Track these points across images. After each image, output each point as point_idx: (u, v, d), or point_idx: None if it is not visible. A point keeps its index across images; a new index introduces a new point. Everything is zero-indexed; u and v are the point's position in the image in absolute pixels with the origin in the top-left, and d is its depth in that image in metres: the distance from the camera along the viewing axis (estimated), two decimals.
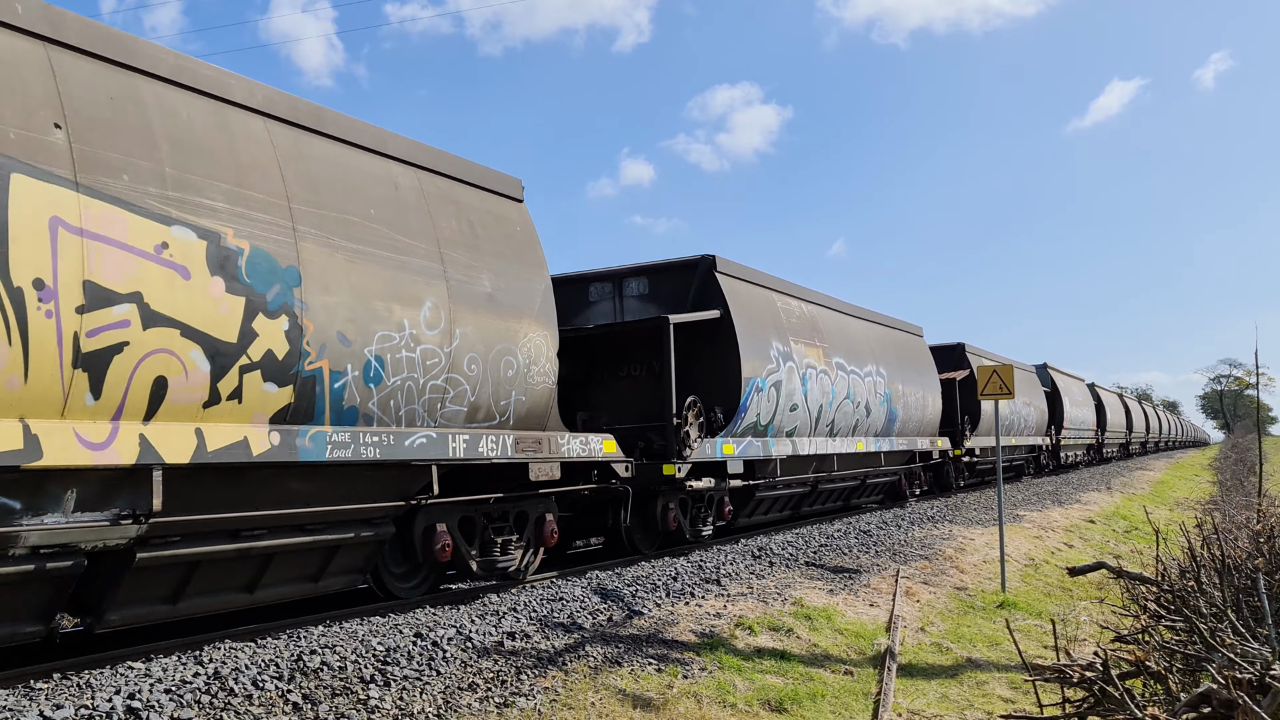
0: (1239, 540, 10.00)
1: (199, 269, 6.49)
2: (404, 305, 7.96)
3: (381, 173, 8.32)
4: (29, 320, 5.55)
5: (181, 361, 6.34)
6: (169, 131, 6.62)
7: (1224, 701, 4.41)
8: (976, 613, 10.36)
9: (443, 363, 8.30)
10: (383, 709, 5.64)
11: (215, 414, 6.60)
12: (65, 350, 5.74)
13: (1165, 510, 23.82)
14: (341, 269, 7.52)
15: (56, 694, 5.47)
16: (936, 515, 17.72)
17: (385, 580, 8.70)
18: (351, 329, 7.49)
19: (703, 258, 13.35)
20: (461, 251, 8.78)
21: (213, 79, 7.13)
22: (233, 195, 6.86)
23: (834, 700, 6.97)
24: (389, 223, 8.13)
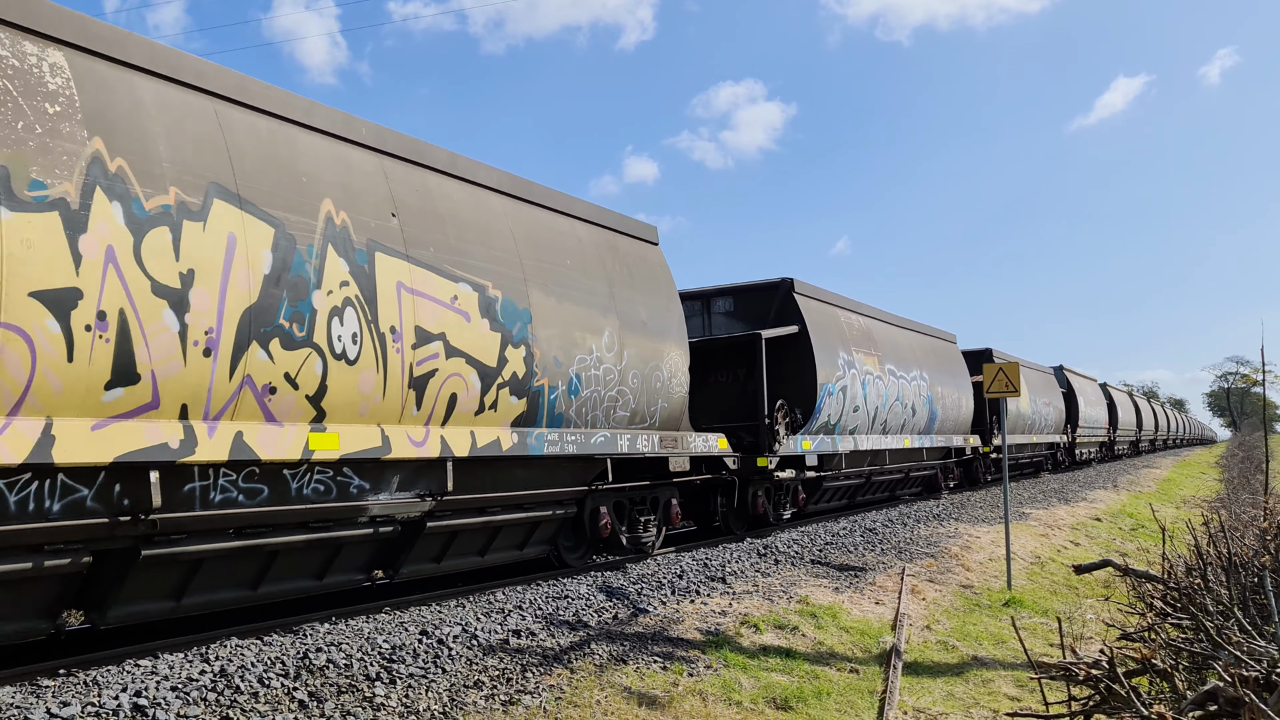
0: (1246, 538, 9.97)
1: (475, 313, 8.74)
2: (592, 334, 10.30)
3: (569, 230, 10.61)
4: (388, 356, 7.77)
5: (466, 382, 8.57)
6: (448, 212, 8.85)
7: (1230, 699, 4.40)
8: (982, 611, 10.35)
9: (615, 378, 10.64)
10: (388, 706, 5.65)
11: (482, 420, 8.84)
12: (405, 376, 7.93)
13: (1172, 508, 23.76)
14: (554, 308, 9.79)
15: (63, 691, 5.49)
16: (942, 513, 17.70)
17: (560, 551, 10.74)
18: (561, 354, 9.73)
19: (783, 280, 15.63)
20: (624, 289, 11.13)
21: (470, 168, 9.45)
22: (488, 257, 9.07)
23: (839, 698, 6.97)
24: (579, 270, 10.41)
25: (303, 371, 7.13)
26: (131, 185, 6.21)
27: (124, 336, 6.02)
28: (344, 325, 7.42)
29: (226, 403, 6.67)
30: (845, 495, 18.01)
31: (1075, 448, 36.54)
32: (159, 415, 6.29)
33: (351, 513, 7.73)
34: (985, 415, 24.92)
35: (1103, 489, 26.48)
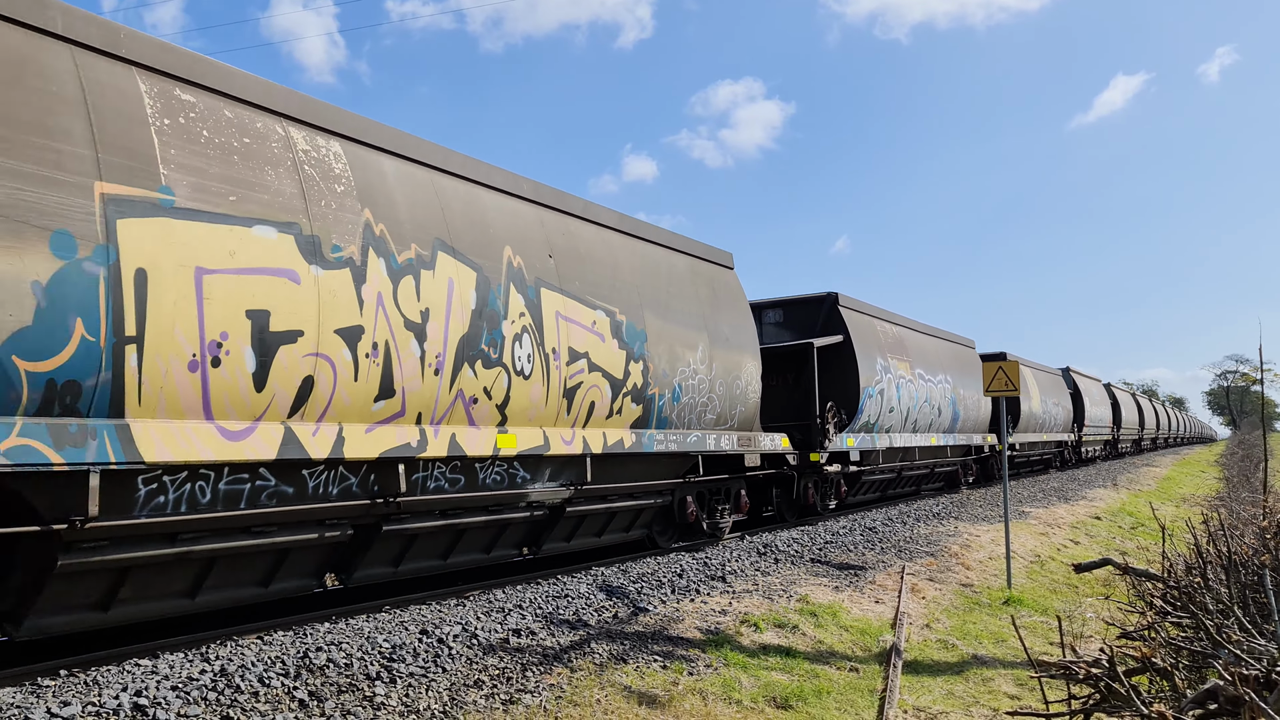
0: (1245, 536, 9.98)
1: (607, 335, 10.55)
2: (690, 349, 12.08)
3: (668, 259, 12.39)
4: (550, 371, 9.59)
5: (601, 391, 10.35)
6: (585, 251, 10.63)
7: (1230, 698, 4.40)
8: (982, 609, 10.35)
9: (706, 386, 12.37)
10: (389, 705, 5.65)
11: (610, 422, 10.60)
12: (560, 387, 9.74)
13: (1171, 507, 23.77)
14: (662, 328, 11.61)
15: (64, 691, 5.49)
16: (942, 512, 17.71)
17: (654, 535, 12.55)
18: (668, 366, 11.53)
19: (829, 294, 17.37)
20: (710, 309, 12.86)
21: (597, 213, 11.20)
22: (615, 287, 10.87)
23: (839, 697, 6.97)
24: (679, 294, 12.24)
25: (494, 385, 8.96)
26: (389, 244, 7.98)
27: (387, 361, 7.78)
28: (522, 348, 9.31)
29: (446, 411, 8.47)
30: (879, 488, 19.85)
31: (1081, 446, 38.17)
32: (404, 421, 8.07)
33: (516, 499, 9.52)
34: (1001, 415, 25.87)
35: (1102, 487, 26.48)
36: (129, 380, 6.06)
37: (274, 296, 6.91)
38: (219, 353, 6.54)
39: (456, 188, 9.07)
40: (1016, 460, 29.44)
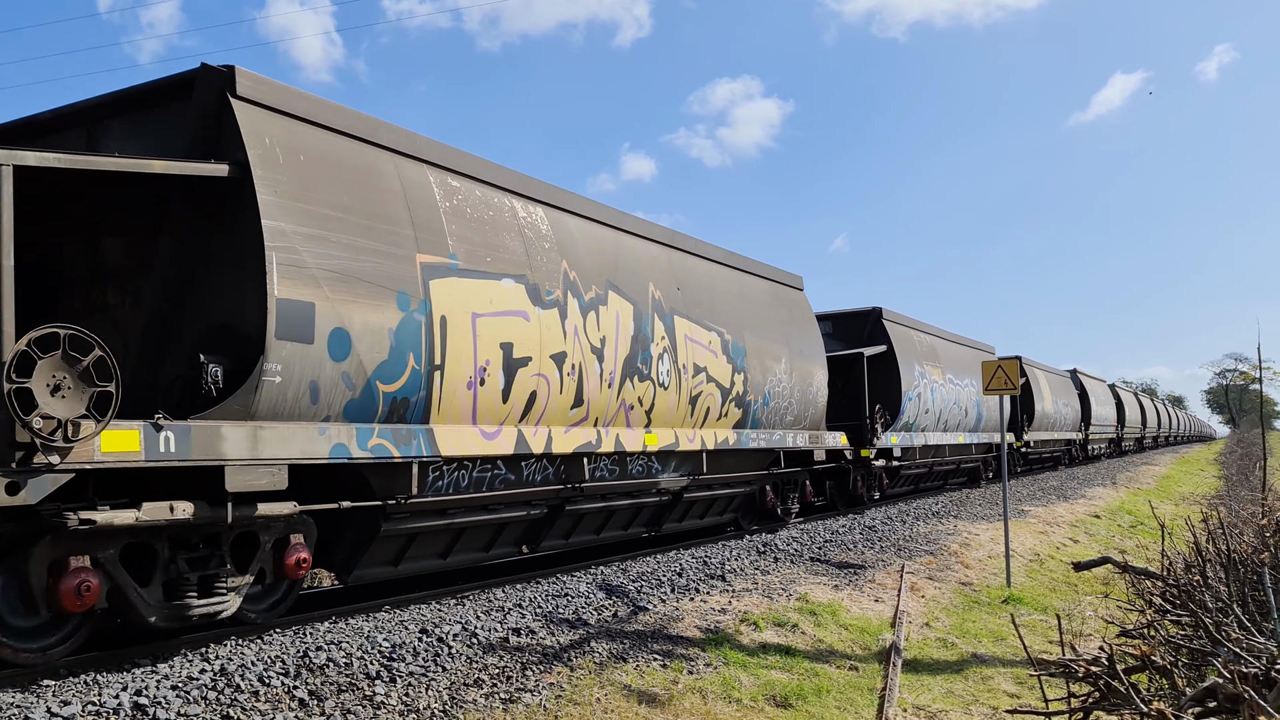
0: (1245, 535, 9.98)
1: (719, 352, 12.52)
2: (775, 361, 14.06)
3: (756, 284, 14.43)
4: (681, 383, 11.57)
5: (714, 398, 12.33)
6: (700, 281, 12.66)
7: (1229, 696, 4.40)
8: (981, 608, 10.36)
9: (787, 391, 14.37)
10: (389, 705, 5.66)
11: (719, 424, 12.54)
12: (686, 396, 11.71)
13: (1170, 505, 23.79)
14: (756, 345, 13.50)
15: (64, 691, 5.49)
16: (941, 511, 17.72)
17: (739, 519, 14.55)
18: (760, 377, 13.49)
19: (874, 309, 19.74)
20: (789, 326, 14.89)
21: (705, 249, 13.17)
22: (724, 312, 12.95)
23: (839, 696, 6.98)
24: (765, 315, 14.19)
25: (644, 395, 10.92)
26: (579, 287, 10.00)
27: (580, 378, 9.76)
28: (663, 365, 11.33)
29: (613, 416, 10.44)
30: (914, 482, 22.07)
31: (1089, 444, 40.61)
32: (587, 424, 10.04)
33: (650, 486, 11.47)
34: (1017, 415, 29.08)
35: (1102, 486, 26.50)
36: (434, 396, 8.04)
37: (514, 331, 8.96)
38: (484, 374, 8.60)
39: (616, 237, 11.18)
40: (1031, 457, 31.38)
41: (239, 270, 6.76)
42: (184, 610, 6.44)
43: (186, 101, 7.00)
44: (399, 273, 7.69)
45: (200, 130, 6.90)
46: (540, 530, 10.06)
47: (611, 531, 11.43)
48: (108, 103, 7.41)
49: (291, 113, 7.33)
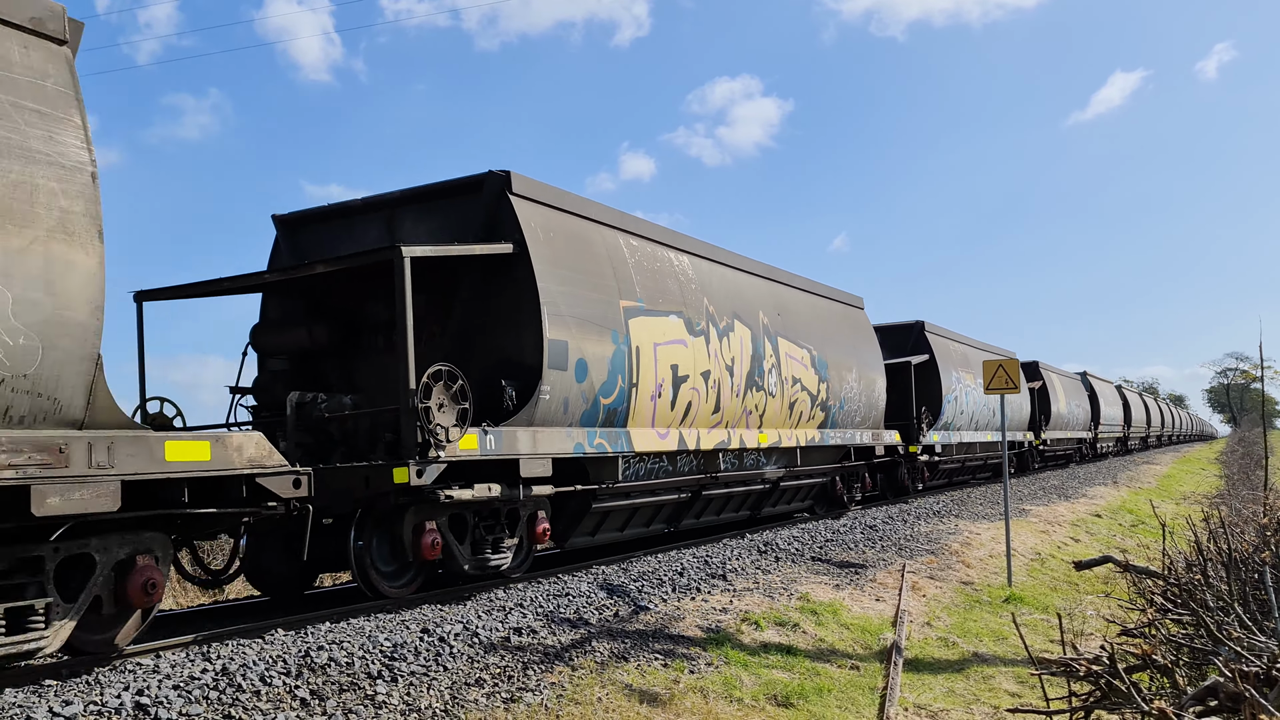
0: (1246, 534, 9.98)
1: (809, 366, 15.40)
2: (848, 371, 16.90)
3: (828, 306, 17.24)
4: (783, 392, 14.38)
5: (806, 404, 15.18)
6: (791, 307, 15.46)
7: (1231, 695, 4.40)
8: (982, 607, 10.36)
9: (856, 396, 17.23)
10: (390, 704, 5.66)
11: (808, 425, 15.47)
12: (786, 402, 14.59)
13: (1171, 504, 23.78)
14: (834, 358, 16.42)
15: (66, 691, 5.50)
16: (943, 510, 17.72)
17: (815, 507, 17.31)
18: (837, 386, 16.40)
19: (918, 323, 22.73)
20: (855, 341, 17.73)
21: (791, 277, 16.03)
22: (811, 331, 15.77)
23: (840, 695, 6.98)
24: (838, 332, 17.03)
25: (759, 403, 13.73)
26: (716, 318, 12.74)
27: (718, 390, 12.58)
28: (771, 378, 14.06)
29: (737, 419, 13.19)
30: (948, 475, 24.78)
31: (1098, 442, 43.63)
32: (722, 426, 12.83)
33: (758, 477, 14.07)
34: (1035, 415, 32.18)
35: (1103, 485, 26.49)
36: (631, 407, 10.90)
37: (678, 355, 11.80)
38: (660, 389, 11.41)
39: (736, 275, 14.02)
40: (1047, 454, 33.99)
41: (520, 319, 9.59)
42: (485, 562, 9.13)
43: (473, 196, 9.84)
44: (610, 315, 10.62)
45: (487, 218, 9.75)
46: (683, 511, 12.85)
47: (727, 514, 14.11)
48: (402, 196, 10.25)
49: (543, 201, 10.26)
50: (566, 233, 10.33)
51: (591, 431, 10.26)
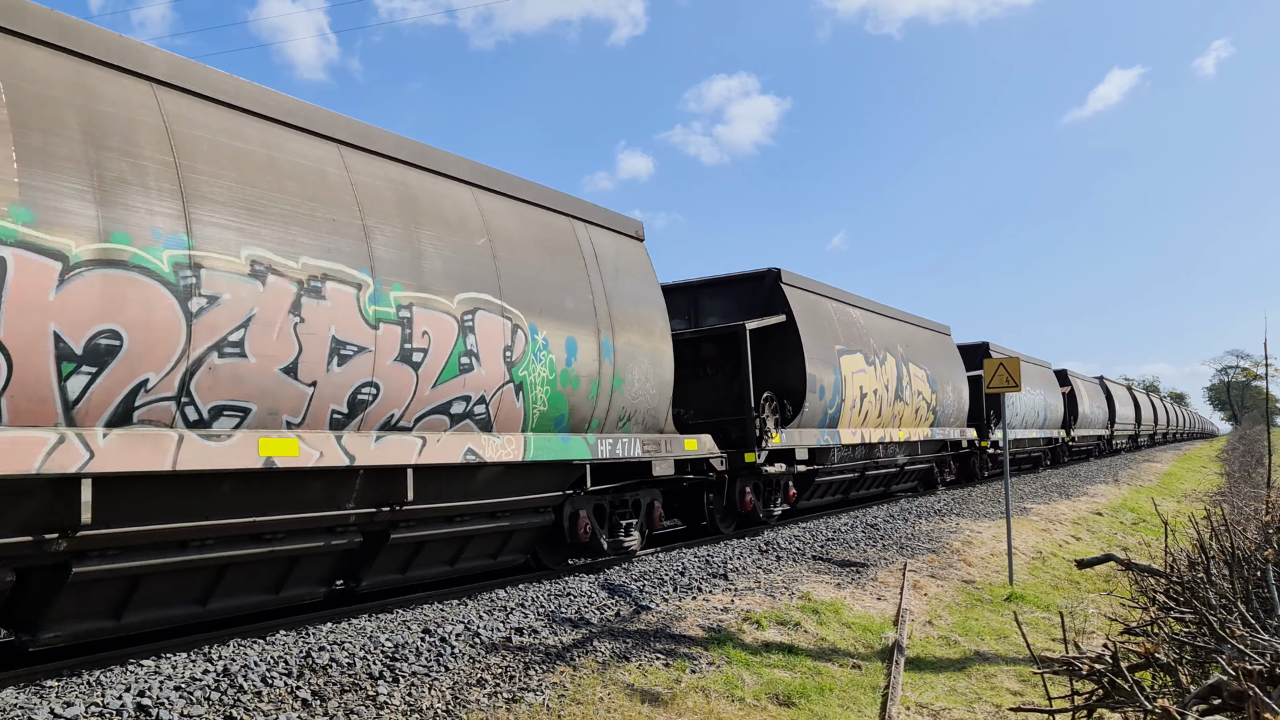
0: (1248, 531, 9.96)
1: (925, 382, 20.37)
2: (947, 385, 22.00)
3: (930, 335, 22.36)
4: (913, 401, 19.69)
5: (923, 410, 20.05)
6: (915, 339, 20.95)
7: (1234, 693, 4.39)
8: (984, 606, 10.35)
9: (952, 403, 21.97)
10: (391, 705, 5.65)
11: (922, 424, 20.25)
12: (915, 409, 19.86)
13: (1173, 502, 23.76)
14: (940, 376, 21.31)
15: (67, 692, 5.49)
16: (944, 509, 17.70)
17: (919, 487, 22.82)
18: (942, 395, 21.37)
19: (983, 344, 28.07)
20: (947, 359, 22.88)
21: (915, 318, 21.87)
22: (924, 356, 20.89)
23: (842, 694, 6.97)
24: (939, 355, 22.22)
25: (900, 410, 18.29)
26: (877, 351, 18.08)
27: (881, 402, 17.86)
28: (906, 393, 18.64)
29: (888, 422, 17.79)
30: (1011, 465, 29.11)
31: (1114, 439, 48.13)
32: (881, 426, 17.61)
33: (893, 463, 18.64)
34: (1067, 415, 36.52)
35: (1103, 483, 26.47)
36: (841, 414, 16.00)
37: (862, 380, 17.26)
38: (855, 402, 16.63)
39: (883, 320, 19.22)
40: (1074, 449, 38.51)
41: (792, 362, 15.08)
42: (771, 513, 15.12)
43: (757, 284, 15.69)
44: (831, 355, 16.00)
45: (766, 298, 15.47)
46: (852, 486, 18.24)
47: (874, 489, 19.56)
48: (700, 283, 16.32)
49: (804, 287, 16.16)
50: (809, 304, 16.10)
51: (822, 431, 15.80)
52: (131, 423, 6.12)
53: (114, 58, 6.52)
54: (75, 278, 5.78)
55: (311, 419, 7.20)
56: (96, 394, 5.91)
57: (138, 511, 6.35)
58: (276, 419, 6.95)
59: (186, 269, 6.35)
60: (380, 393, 7.70)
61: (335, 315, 7.30)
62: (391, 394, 7.80)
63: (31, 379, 5.58)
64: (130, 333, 6.04)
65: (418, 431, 8.11)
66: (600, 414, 10.30)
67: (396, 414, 7.91)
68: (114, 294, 5.95)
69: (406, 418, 8.01)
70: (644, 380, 10.99)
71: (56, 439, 5.69)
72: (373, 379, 7.61)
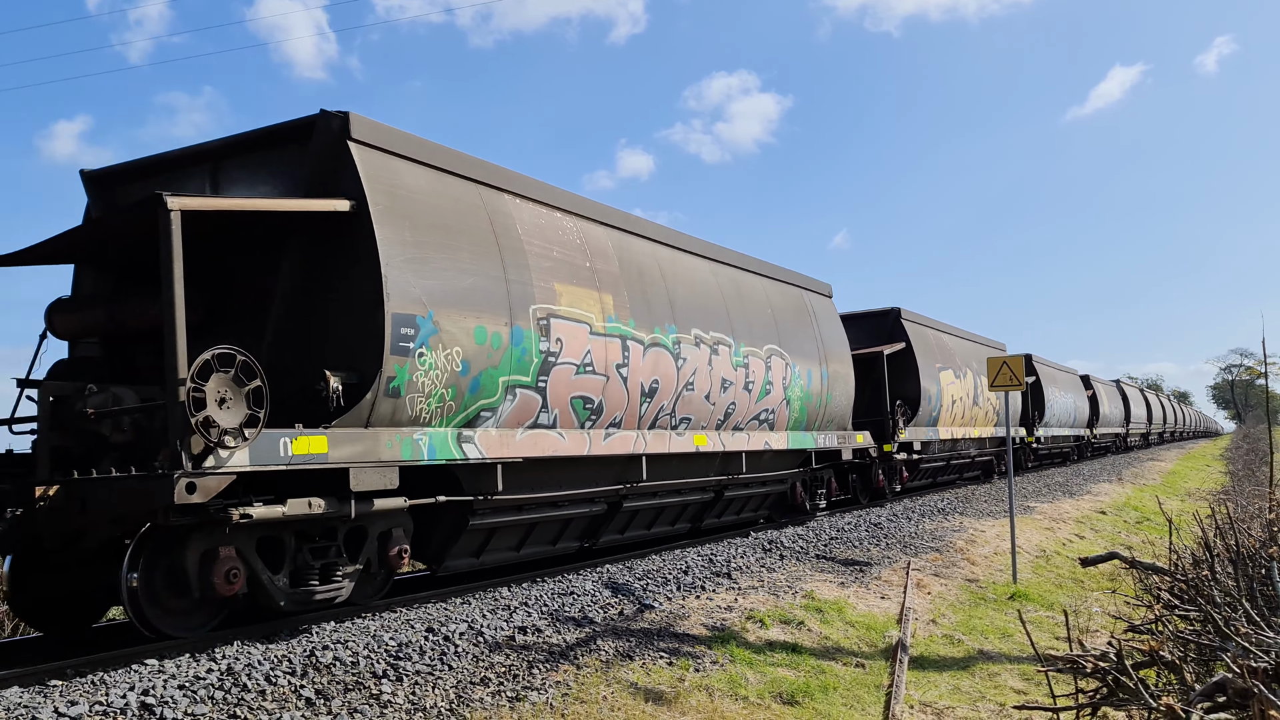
0: (1252, 529, 9.94)
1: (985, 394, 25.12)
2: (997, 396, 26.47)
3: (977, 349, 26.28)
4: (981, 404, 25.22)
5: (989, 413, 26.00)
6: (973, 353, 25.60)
7: (1239, 691, 4.39)
8: (988, 604, 10.34)
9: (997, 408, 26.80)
10: (395, 704, 5.65)
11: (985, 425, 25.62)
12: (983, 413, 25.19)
13: (1177, 501, 23.74)
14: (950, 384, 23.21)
15: (71, 691, 5.49)
16: (947, 507, 17.69)
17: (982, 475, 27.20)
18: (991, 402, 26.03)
19: (1027, 355, 30.12)
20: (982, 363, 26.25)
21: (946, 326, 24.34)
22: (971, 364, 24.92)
23: (845, 693, 6.97)
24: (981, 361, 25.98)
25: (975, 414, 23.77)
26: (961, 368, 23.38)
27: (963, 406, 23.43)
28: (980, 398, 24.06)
29: (966, 422, 23.24)
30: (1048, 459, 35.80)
31: (1128, 436, 51.76)
32: (962, 425, 23.17)
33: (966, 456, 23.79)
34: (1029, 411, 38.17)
35: (1107, 482, 26.45)
36: (940, 417, 21.03)
37: (953, 390, 22.17)
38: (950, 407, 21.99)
39: (962, 342, 23.87)
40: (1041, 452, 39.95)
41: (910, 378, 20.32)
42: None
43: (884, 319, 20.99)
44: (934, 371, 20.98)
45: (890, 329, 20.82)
46: (940, 473, 23.18)
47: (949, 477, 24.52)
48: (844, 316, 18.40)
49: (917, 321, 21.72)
50: (921, 334, 20.69)
51: (928, 429, 20.31)
52: (654, 427, 11.16)
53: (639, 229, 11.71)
54: (647, 352, 10.84)
55: (709, 424, 12.22)
56: (648, 413, 10.94)
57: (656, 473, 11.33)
58: (699, 424, 12.01)
59: (678, 345, 11.44)
60: (736, 408, 12.74)
61: (722, 364, 12.35)
62: (740, 408, 12.86)
63: (631, 408, 10.63)
64: (662, 381, 11.06)
65: (746, 430, 13.17)
66: (819, 418, 15.30)
67: (740, 420, 12.93)
68: (654, 359, 10.97)
69: (742, 422, 13.02)
70: (841, 395, 16.05)
71: (637, 435, 10.81)
72: (734, 400, 12.64)
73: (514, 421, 8.99)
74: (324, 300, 7.72)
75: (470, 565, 9.22)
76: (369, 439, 7.43)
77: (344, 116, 7.77)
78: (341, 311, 7.66)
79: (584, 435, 9.89)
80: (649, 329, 10.87)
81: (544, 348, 9.17)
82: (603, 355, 9.99)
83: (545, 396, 9.25)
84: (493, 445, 8.70)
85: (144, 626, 6.73)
